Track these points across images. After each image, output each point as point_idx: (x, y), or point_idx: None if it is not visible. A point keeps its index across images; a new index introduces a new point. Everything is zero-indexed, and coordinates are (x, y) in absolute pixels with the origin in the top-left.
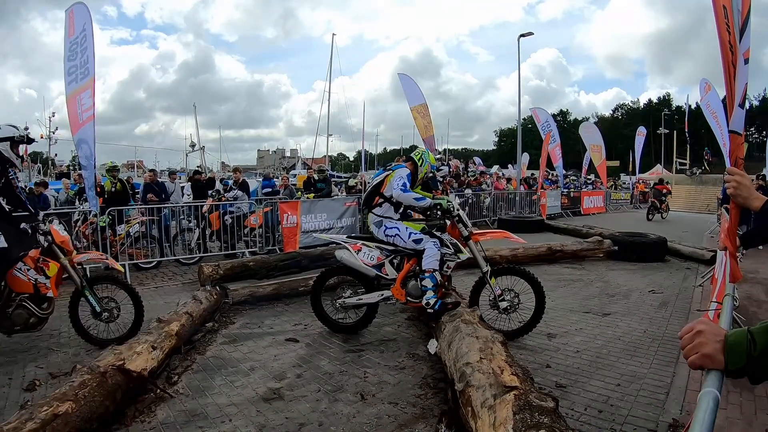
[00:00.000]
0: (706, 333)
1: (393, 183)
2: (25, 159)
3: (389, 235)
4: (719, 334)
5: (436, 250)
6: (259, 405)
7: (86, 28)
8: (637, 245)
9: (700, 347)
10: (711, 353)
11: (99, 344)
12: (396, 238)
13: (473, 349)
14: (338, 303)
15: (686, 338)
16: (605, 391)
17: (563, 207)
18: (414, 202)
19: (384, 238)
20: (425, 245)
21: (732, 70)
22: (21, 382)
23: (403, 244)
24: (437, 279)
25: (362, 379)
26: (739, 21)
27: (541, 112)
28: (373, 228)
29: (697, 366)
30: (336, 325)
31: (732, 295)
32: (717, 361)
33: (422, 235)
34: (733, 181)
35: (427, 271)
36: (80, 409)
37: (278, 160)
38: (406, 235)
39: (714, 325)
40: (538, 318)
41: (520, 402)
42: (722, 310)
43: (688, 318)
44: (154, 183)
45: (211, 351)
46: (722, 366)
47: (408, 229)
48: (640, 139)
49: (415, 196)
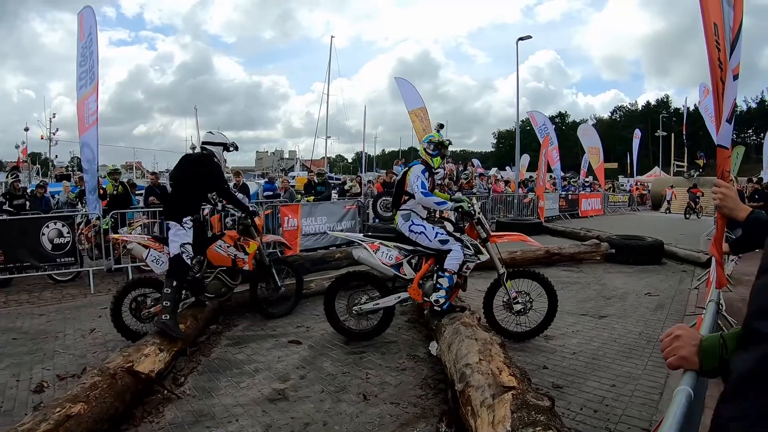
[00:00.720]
0: (684, 337)
1: (411, 183)
2: (26, 160)
3: (414, 232)
4: (695, 338)
5: (461, 253)
6: (265, 405)
7: (92, 32)
8: (633, 248)
9: (678, 350)
10: (687, 355)
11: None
12: (421, 236)
13: (472, 351)
14: (355, 310)
15: (666, 341)
16: (601, 391)
17: (561, 209)
18: (435, 206)
19: (407, 234)
20: (452, 246)
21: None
22: (29, 383)
23: (428, 244)
24: (454, 280)
25: (364, 380)
26: (730, 37)
27: (538, 116)
28: (400, 221)
29: (674, 366)
30: (352, 333)
31: (716, 301)
32: (692, 363)
33: (448, 236)
34: (720, 193)
35: (448, 271)
36: (92, 410)
37: (277, 161)
38: (432, 234)
39: (691, 330)
40: (550, 320)
41: (517, 401)
42: (705, 314)
43: (683, 320)
44: (156, 186)
45: (215, 353)
46: (697, 367)
47: (435, 229)
48: (636, 142)
49: (436, 200)
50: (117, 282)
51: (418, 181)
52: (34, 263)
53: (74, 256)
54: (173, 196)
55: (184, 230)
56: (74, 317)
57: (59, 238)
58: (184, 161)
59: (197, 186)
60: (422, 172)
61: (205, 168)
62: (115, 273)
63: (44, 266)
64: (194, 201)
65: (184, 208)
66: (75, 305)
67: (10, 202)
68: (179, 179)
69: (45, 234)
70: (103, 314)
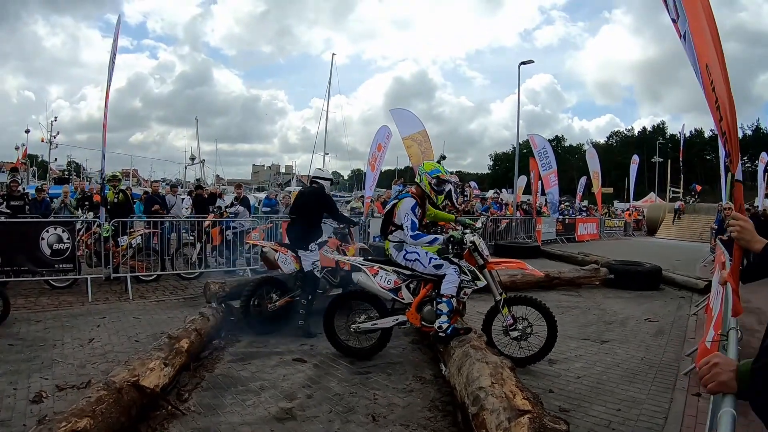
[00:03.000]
0: (722, 364)
1: (401, 220)
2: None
3: (409, 260)
4: (732, 364)
5: (456, 277)
6: (273, 424)
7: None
8: (632, 273)
9: (717, 376)
10: (726, 381)
11: None
12: (416, 263)
13: (484, 374)
14: (353, 328)
15: (704, 369)
16: (606, 415)
17: (558, 233)
18: (428, 245)
19: (403, 262)
20: (446, 271)
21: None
22: (27, 393)
23: (423, 269)
24: (453, 305)
25: (372, 401)
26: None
27: (538, 139)
28: (393, 252)
29: (715, 392)
30: (350, 350)
31: (736, 329)
32: (731, 387)
33: (443, 261)
34: (738, 226)
35: (445, 296)
36: (97, 425)
37: (273, 175)
38: (426, 260)
39: (727, 357)
40: (550, 348)
41: (534, 425)
42: (729, 342)
43: (683, 346)
44: (155, 195)
45: (219, 369)
46: (735, 390)
47: (428, 255)
48: (634, 167)
49: (427, 240)
50: (115, 291)
51: (408, 220)
52: (32, 268)
53: (73, 263)
54: (302, 227)
55: (312, 253)
56: (72, 325)
57: (59, 243)
58: (304, 197)
59: (319, 216)
60: (412, 208)
61: (323, 198)
62: (113, 282)
63: (42, 271)
64: (318, 228)
65: (311, 236)
66: (72, 313)
67: (7, 203)
68: (305, 212)
69: (45, 239)
70: (102, 323)
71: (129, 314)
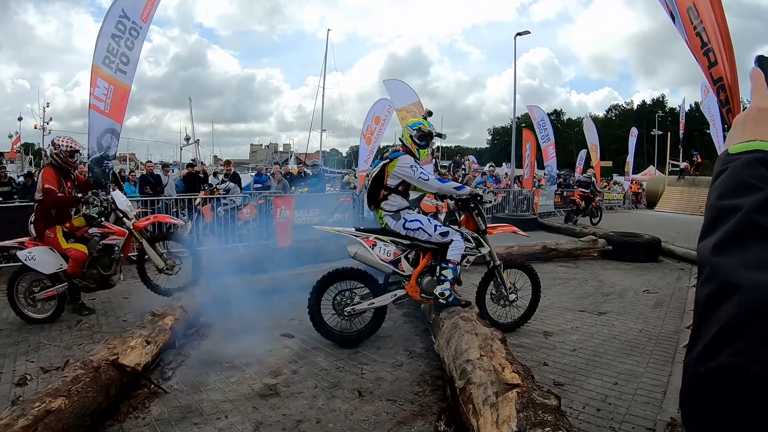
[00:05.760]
0: None
1: (410, 174)
2: (19, 150)
3: (410, 229)
4: None
5: (463, 243)
6: (255, 401)
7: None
8: (631, 245)
9: None
10: None
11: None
12: (418, 231)
13: (473, 346)
14: (347, 312)
15: None
16: (603, 389)
17: (556, 206)
18: (454, 191)
19: (403, 232)
20: (453, 237)
21: (731, 75)
22: (11, 376)
23: (427, 238)
24: (458, 271)
25: (359, 375)
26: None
27: (537, 111)
28: (390, 221)
29: None
30: (342, 339)
31: None
32: None
33: (448, 228)
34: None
35: (452, 262)
36: (73, 405)
37: (271, 154)
38: (431, 228)
39: None
40: (533, 311)
41: (523, 400)
42: None
43: (683, 318)
44: (149, 175)
45: (205, 346)
46: None
47: (432, 222)
48: (633, 140)
49: (455, 185)
50: None
51: (419, 172)
52: None
53: None
54: None
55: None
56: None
57: None
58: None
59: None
60: (415, 162)
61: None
62: None
63: None
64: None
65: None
66: None
67: None
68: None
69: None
70: (91, 304)
71: (118, 294)
